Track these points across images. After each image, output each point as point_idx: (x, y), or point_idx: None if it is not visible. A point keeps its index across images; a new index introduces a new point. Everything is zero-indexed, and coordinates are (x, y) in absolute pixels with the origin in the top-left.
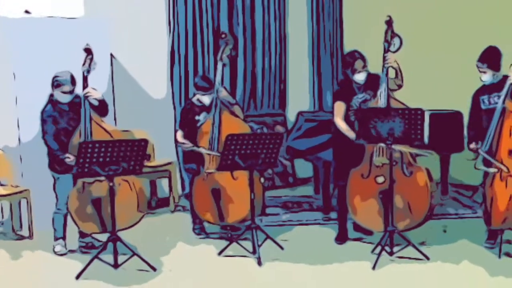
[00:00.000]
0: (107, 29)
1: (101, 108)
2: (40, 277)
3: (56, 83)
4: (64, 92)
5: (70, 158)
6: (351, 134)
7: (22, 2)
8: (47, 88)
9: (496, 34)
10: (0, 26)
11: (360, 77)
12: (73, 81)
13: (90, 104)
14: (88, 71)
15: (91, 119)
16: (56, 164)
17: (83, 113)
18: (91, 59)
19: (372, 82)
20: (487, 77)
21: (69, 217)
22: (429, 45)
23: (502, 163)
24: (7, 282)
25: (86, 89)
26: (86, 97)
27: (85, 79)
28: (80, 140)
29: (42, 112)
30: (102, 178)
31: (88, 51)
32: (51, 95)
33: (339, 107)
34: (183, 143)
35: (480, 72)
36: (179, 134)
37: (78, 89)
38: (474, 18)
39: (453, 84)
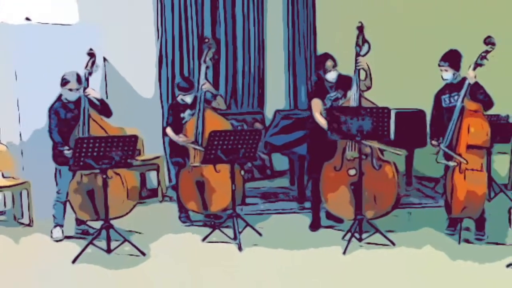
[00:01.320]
0: (100, 34)
1: (104, 109)
2: (39, 261)
3: (63, 81)
4: (70, 90)
5: (68, 150)
6: None
7: (23, 9)
8: (46, 89)
9: (455, 40)
10: (3, 31)
11: (331, 76)
12: (79, 80)
13: (94, 104)
14: (90, 73)
15: (89, 116)
16: (59, 156)
17: (82, 110)
18: (94, 62)
19: (343, 82)
20: (448, 75)
21: (67, 205)
22: (396, 50)
23: (461, 157)
24: (9, 265)
25: (88, 89)
26: (86, 96)
27: (86, 80)
28: (79, 135)
29: (50, 108)
30: (97, 170)
31: (91, 54)
32: (61, 94)
33: (317, 104)
34: (179, 137)
35: (442, 70)
36: (169, 130)
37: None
38: (436, 26)
39: (417, 85)
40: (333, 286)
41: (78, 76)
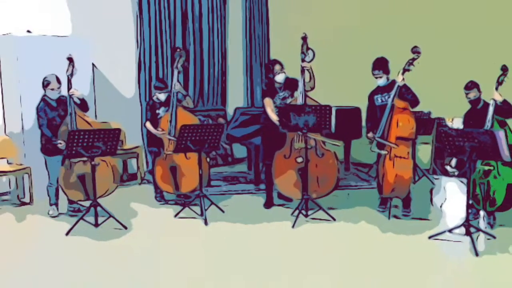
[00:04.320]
0: (90, 44)
1: (83, 105)
2: (38, 234)
3: (46, 83)
4: (52, 89)
5: (61, 144)
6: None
7: (25, 23)
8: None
9: (386, 48)
10: (9, 42)
11: (279, 78)
12: (58, 80)
13: (74, 102)
14: (72, 75)
15: (75, 113)
16: (47, 148)
17: (69, 108)
18: (73, 66)
19: (290, 84)
20: (383, 80)
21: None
22: (335, 56)
23: (392, 143)
24: (13, 236)
25: (71, 90)
26: (70, 96)
27: (69, 81)
28: (66, 129)
29: (37, 108)
30: (85, 158)
31: (70, 59)
32: (44, 95)
33: (269, 102)
34: (157, 131)
35: (377, 78)
36: (149, 124)
37: (64, 91)
38: (369, 36)
39: (354, 86)
40: (283, 254)
41: (57, 77)
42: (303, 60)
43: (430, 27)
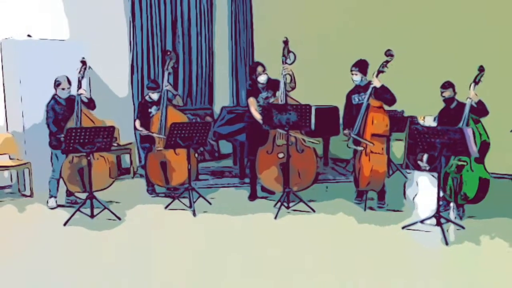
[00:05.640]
0: (86, 47)
1: (90, 103)
2: (37, 224)
3: (57, 83)
4: (63, 89)
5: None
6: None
7: (26, 28)
8: (44, 90)
9: (363, 52)
10: (10, 45)
11: (262, 79)
12: (68, 81)
13: (82, 101)
14: (83, 77)
15: (81, 111)
16: (54, 143)
17: (76, 107)
18: (85, 68)
19: (272, 84)
20: (357, 78)
21: (60, 181)
22: (315, 59)
23: (368, 140)
24: (14, 226)
25: (80, 90)
26: (79, 95)
27: (79, 81)
28: (73, 125)
29: (47, 105)
30: (84, 153)
31: (83, 62)
32: (54, 94)
33: (252, 102)
34: (141, 130)
35: (353, 74)
36: (137, 123)
37: (73, 90)
38: (347, 41)
39: (332, 87)
40: (266, 244)
41: (67, 78)
42: (284, 63)
43: (404, 32)
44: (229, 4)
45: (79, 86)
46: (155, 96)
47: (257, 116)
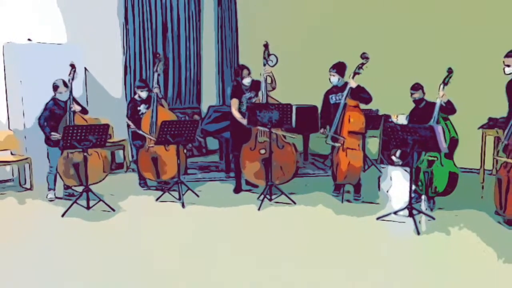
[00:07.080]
0: (82, 51)
1: (83, 111)
2: (37, 215)
3: (55, 87)
4: (61, 92)
5: (55, 136)
6: (243, 121)
7: (26, 32)
8: (43, 90)
9: (340, 54)
10: (11, 49)
11: (247, 81)
12: (65, 84)
13: (75, 111)
14: (73, 79)
15: (74, 112)
16: (49, 140)
17: (69, 108)
18: (75, 71)
19: (255, 85)
20: (335, 79)
21: (57, 175)
22: (295, 62)
23: (343, 137)
24: (15, 217)
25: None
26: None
27: (70, 84)
28: (66, 124)
29: (46, 104)
30: (80, 149)
31: (72, 66)
32: (53, 97)
33: (234, 103)
34: (130, 124)
35: (330, 75)
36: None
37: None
38: (325, 44)
39: (311, 87)
40: (250, 234)
41: (63, 81)
42: (265, 65)
43: (379, 35)
44: (215, 11)
45: (71, 88)
46: (143, 94)
47: (237, 115)
